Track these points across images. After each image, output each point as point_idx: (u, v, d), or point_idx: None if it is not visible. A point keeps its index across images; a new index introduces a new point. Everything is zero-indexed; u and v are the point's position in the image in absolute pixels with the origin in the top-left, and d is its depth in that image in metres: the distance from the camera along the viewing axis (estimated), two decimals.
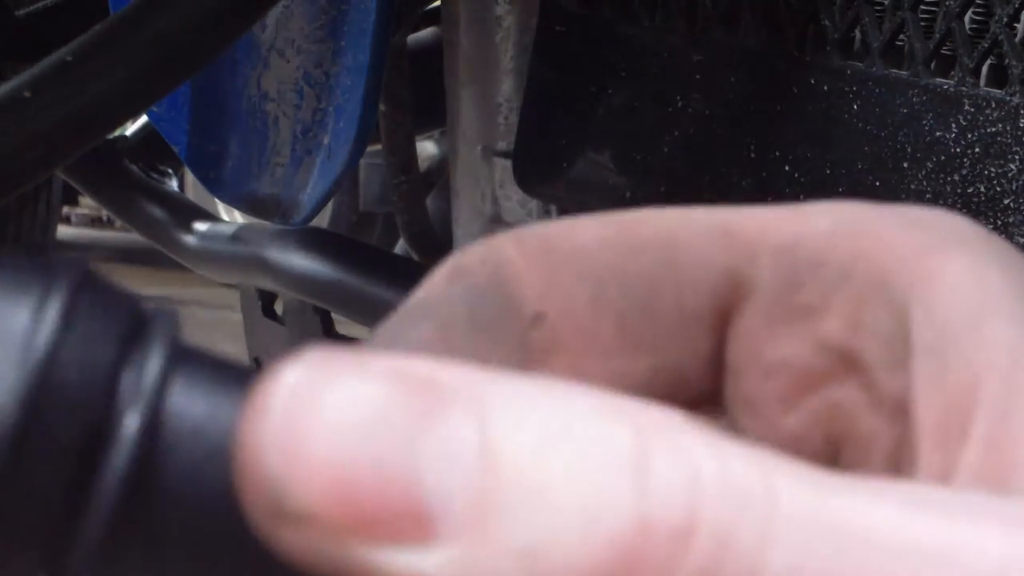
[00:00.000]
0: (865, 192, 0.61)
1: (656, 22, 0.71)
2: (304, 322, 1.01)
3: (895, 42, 0.60)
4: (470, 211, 0.88)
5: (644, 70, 0.71)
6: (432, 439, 0.16)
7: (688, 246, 0.23)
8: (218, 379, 0.17)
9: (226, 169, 0.91)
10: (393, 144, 0.95)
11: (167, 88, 0.63)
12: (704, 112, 0.68)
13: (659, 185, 0.70)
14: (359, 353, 0.17)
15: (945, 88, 0.58)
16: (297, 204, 0.83)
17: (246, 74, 0.88)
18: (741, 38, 0.66)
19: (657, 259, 0.23)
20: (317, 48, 0.82)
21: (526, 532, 0.16)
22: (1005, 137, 0.56)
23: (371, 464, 0.16)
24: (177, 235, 1.14)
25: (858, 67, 0.61)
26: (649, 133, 0.71)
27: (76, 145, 0.61)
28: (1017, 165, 0.55)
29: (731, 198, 0.66)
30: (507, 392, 0.16)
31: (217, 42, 0.63)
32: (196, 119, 0.92)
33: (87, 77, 0.59)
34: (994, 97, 0.56)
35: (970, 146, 0.57)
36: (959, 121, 0.57)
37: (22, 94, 0.58)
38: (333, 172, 0.80)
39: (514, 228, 0.25)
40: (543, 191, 0.80)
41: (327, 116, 0.82)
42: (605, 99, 0.74)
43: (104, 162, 1.18)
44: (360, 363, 0.16)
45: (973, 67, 0.57)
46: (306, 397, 0.16)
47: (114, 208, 1.24)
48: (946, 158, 0.58)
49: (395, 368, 0.16)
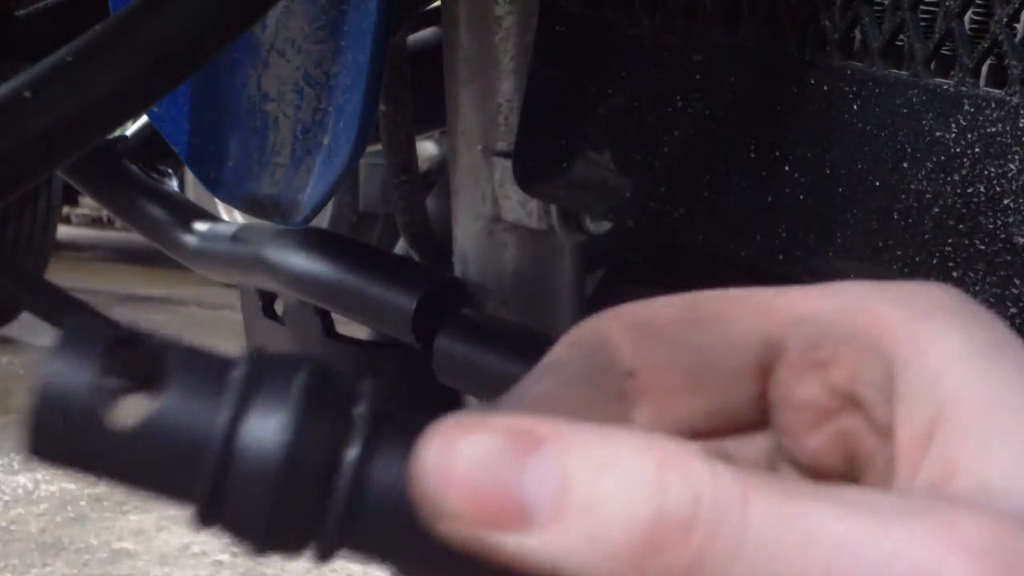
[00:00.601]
0: (865, 192, 0.61)
1: (656, 22, 0.71)
2: (304, 322, 1.01)
3: (895, 42, 0.60)
4: (470, 211, 0.88)
5: (644, 70, 0.71)
6: (531, 467, 0.26)
7: (737, 319, 0.32)
8: (403, 432, 0.27)
9: (226, 169, 0.91)
10: (393, 144, 0.95)
11: (167, 88, 0.63)
12: (704, 112, 0.68)
13: (659, 185, 0.70)
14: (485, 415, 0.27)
15: (945, 88, 0.58)
16: (297, 204, 0.83)
17: (246, 74, 0.88)
18: (741, 38, 0.66)
19: (715, 330, 0.32)
20: (317, 48, 0.82)
21: (589, 523, 0.26)
22: (1005, 137, 0.56)
23: (492, 483, 0.26)
24: (177, 235, 1.14)
25: (858, 67, 0.61)
26: (649, 133, 0.71)
27: (76, 145, 0.61)
28: (1017, 165, 0.55)
29: (731, 198, 0.66)
30: (579, 437, 0.26)
31: (217, 42, 0.63)
32: (196, 119, 0.92)
33: (87, 77, 0.59)
34: (994, 97, 0.56)
35: (970, 146, 0.57)
36: (959, 121, 0.57)
37: (22, 94, 0.58)
38: (333, 172, 0.80)
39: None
40: (543, 191, 0.80)
41: (327, 116, 0.82)
42: (605, 99, 0.74)
43: (104, 162, 1.18)
44: (484, 422, 0.27)
45: (973, 67, 0.57)
46: (451, 445, 0.26)
47: (114, 208, 1.24)
48: (946, 158, 0.58)
49: (507, 424, 0.27)
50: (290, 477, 0.27)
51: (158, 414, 0.27)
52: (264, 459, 0.26)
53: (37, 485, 3.27)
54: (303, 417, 0.27)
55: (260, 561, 2.81)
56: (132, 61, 0.60)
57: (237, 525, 0.27)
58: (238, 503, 0.27)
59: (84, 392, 0.27)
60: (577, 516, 0.26)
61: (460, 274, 0.90)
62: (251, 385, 0.27)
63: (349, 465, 0.27)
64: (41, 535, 2.91)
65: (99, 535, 2.93)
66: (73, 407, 0.27)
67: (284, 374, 0.27)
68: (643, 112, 0.71)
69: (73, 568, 2.73)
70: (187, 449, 0.26)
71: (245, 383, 0.27)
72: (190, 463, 0.27)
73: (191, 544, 2.90)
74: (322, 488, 0.27)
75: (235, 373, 0.27)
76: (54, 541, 2.88)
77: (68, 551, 2.83)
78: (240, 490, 0.27)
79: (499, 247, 0.87)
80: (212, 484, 0.27)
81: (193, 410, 0.27)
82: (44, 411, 0.27)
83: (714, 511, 0.25)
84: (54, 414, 0.27)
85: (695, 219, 0.68)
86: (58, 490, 3.23)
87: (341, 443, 0.27)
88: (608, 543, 0.25)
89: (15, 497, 3.17)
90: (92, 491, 3.24)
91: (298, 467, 0.27)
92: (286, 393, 0.27)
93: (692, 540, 0.25)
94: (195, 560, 2.81)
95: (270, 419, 0.27)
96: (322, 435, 0.27)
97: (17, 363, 4.55)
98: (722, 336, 0.32)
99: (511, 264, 0.87)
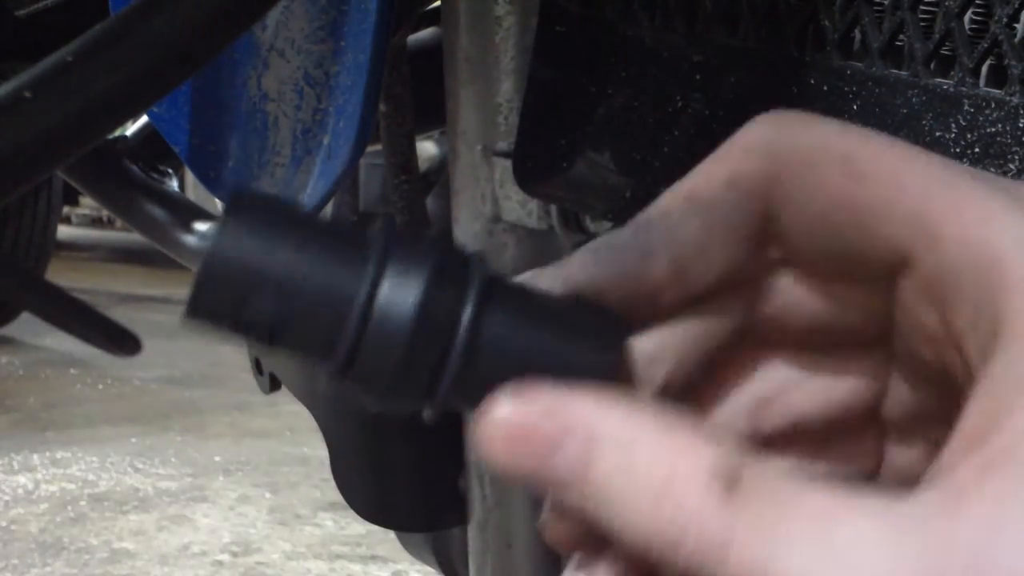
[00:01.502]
0: None
1: (656, 22, 0.71)
2: None
3: (895, 42, 0.60)
4: (470, 211, 0.88)
5: (644, 70, 0.71)
6: (560, 454, 0.30)
7: (890, 215, 0.31)
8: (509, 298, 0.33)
9: (226, 169, 0.91)
10: (393, 144, 0.95)
11: (167, 88, 0.63)
12: (704, 112, 0.68)
13: (659, 185, 0.70)
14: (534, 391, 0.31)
15: (945, 88, 0.58)
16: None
17: (246, 74, 0.88)
18: (741, 38, 0.66)
19: (867, 216, 0.31)
20: (317, 48, 0.82)
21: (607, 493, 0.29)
22: (1005, 137, 0.56)
23: (528, 458, 0.30)
24: (177, 235, 1.14)
25: (858, 67, 0.61)
26: (649, 133, 0.71)
27: (76, 145, 0.61)
28: (1017, 165, 0.55)
29: None
30: (603, 431, 0.30)
31: (217, 42, 0.63)
32: (196, 119, 0.92)
33: (87, 77, 0.59)
34: (994, 97, 0.56)
35: (970, 146, 0.57)
36: (959, 121, 0.57)
37: (22, 94, 0.58)
38: (333, 172, 0.80)
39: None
40: (543, 191, 0.80)
41: (327, 116, 0.82)
42: (605, 99, 0.74)
43: (104, 162, 1.18)
44: (530, 402, 0.31)
45: (973, 67, 0.57)
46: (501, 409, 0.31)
47: (114, 208, 1.24)
48: (946, 158, 0.58)
49: (548, 406, 0.30)
50: (417, 335, 0.31)
51: (306, 276, 0.31)
52: (398, 319, 0.31)
53: (37, 485, 3.27)
54: (430, 286, 0.31)
55: (260, 561, 2.82)
56: (132, 61, 0.60)
57: (367, 378, 0.32)
58: (371, 358, 0.31)
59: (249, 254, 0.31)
60: (599, 488, 0.29)
61: None
62: (386, 256, 0.31)
63: (464, 327, 0.31)
64: (41, 535, 2.91)
65: (99, 535, 2.94)
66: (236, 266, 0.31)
67: (414, 248, 0.32)
68: (643, 112, 0.71)
69: (73, 568, 2.73)
70: (332, 311, 0.31)
71: (381, 254, 0.31)
72: (334, 322, 0.31)
73: (191, 544, 2.90)
74: (443, 347, 0.31)
75: (374, 246, 0.32)
76: (54, 541, 2.88)
77: (68, 551, 2.83)
78: (374, 346, 0.31)
79: (499, 247, 0.87)
80: (352, 341, 0.31)
81: (339, 275, 0.31)
82: (211, 267, 0.32)
83: (697, 546, 0.28)
84: (219, 272, 0.32)
85: None
86: (58, 490, 3.23)
87: (459, 307, 0.32)
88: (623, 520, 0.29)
89: (15, 497, 3.17)
90: (92, 491, 3.24)
91: (424, 327, 0.31)
92: (417, 265, 0.32)
93: (678, 561, 0.28)
94: (195, 560, 2.81)
95: (403, 287, 0.31)
96: (445, 302, 0.31)
97: (17, 363, 4.55)
98: (867, 228, 0.31)
99: (511, 264, 0.87)
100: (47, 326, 1.08)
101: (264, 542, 2.94)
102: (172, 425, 3.87)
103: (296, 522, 3.09)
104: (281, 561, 2.83)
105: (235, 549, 2.89)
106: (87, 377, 4.37)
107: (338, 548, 2.93)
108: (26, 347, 4.73)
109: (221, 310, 0.32)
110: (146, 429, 3.82)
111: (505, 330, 0.32)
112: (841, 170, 0.32)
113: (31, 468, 3.41)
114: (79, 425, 3.83)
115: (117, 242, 7.45)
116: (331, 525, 3.07)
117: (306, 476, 3.42)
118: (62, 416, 3.91)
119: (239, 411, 4.03)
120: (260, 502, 3.22)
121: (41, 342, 4.75)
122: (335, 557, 2.88)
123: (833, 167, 0.32)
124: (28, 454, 3.51)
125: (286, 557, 2.86)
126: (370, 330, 0.31)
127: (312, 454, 3.55)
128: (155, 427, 3.84)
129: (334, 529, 3.05)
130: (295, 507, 3.19)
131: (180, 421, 3.93)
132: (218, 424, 3.91)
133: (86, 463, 3.47)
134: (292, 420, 3.73)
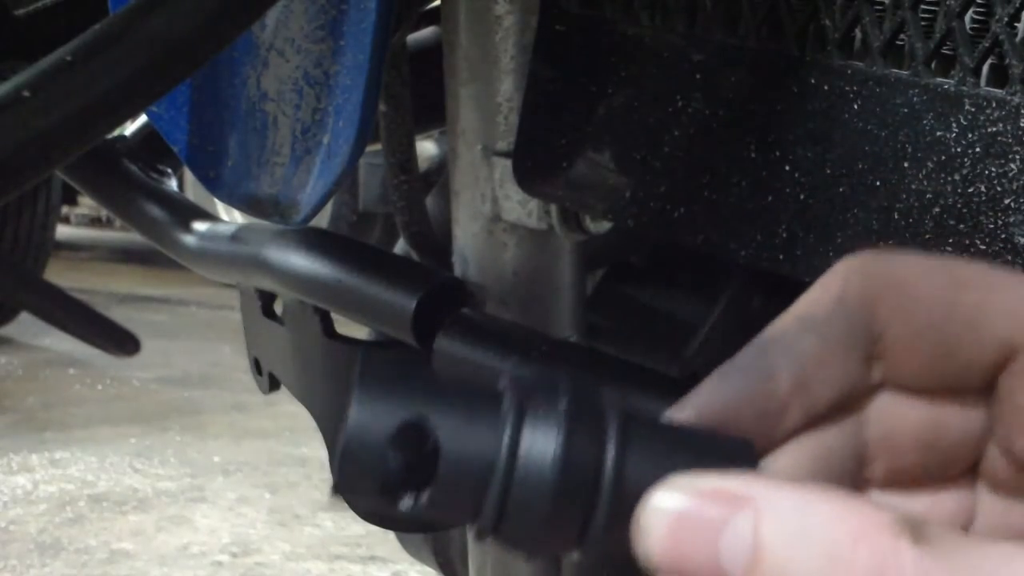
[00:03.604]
0: (865, 192, 0.61)
1: (656, 22, 0.70)
2: (303, 322, 1.01)
3: (895, 42, 0.60)
4: (470, 211, 0.88)
5: (644, 70, 0.71)
6: (727, 532, 0.29)
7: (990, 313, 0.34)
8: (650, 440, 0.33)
9: (226, 169, 0.90)
10: (393, 144, 0.95)
11: (166, 88, 0.63)
12: (704, 112, 0.68)
13: (659, 185, 0.70)
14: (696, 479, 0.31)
15: (945, 88, 0.58)
16: (296, 204, 0.83)
17: (245, 74, 0.88)
18: (741, 38, 0.66)
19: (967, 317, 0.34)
20: (317, 48, 0.82)
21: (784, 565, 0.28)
22: (1006, 137, 0.56)
23: (692, 540, 0.30)
24: (177, 235, 1.14)
25: (858, 67, 0.61)
26: (649, 133, 0.71)
27: (76, 145, 0.61)
28: (1018, 165, 0.55)
29: (731, 198, 0.66)
30: (773, 503, 0.29)
31: (217, 42, 0.63)
32: (196, 119, 0.92)
33: (87, 77, 0.59)
34: (995, 97, 0.56)
35: (971, 146, 0.57)
36: (959, 121, 0.57)
37: (22, 94, 0.58)
38: (333, 172, 0.80)
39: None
40: (543, 191, 0.80)
41: (327, 116, 0.81)
42: (605, 99, 0.74)
43: (104, 162, 1.18)
44: (694, 486, 0.30)
45: (973, 67, 0.57)
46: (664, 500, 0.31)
47: (114, 208, 1.24)
48: (946, 158, 0.58)
49: (713, 487, 0.30)
50: (562, 489, 0.31)
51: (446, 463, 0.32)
52: (541, 475, 0.31)
53: (36, 486, 3.27)
54: (570, 435, 0.32)
55: (259, 562, 2.81)
56: (132, 61, 0.60)
57: (516, 535, 0.32)
58: (519, 516, 0.32)
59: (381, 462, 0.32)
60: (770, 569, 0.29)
61: (460, 274, 0.90)
62: (520, 415, 0.32)
63: (609, 476, 0.32)
64: (40, 535, 2.91)
65: (98, 536, 2.93)
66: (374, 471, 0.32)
67: (547, 395, 0.32)
68: (643, 112, 0.71)
69: (72, 569, 2.73)
70: (475, 473, 0.32)
71: (515, 414, 0.32)
72: (477, 485, 0.32)
73: (190, 545, 2.90)
74: (589, 497, 0.32)
75: (504, 405, 0.32)
76: (53, 542, 2.87)
77: (67, 551, 2.82)
78: (521, 504, 0.32)
79: (499, 247, 0.87)
80: (498, 501, 0.32)
81: (476, 435, 0.32)
82: (350, 466, 0.32)
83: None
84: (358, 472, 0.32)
85: (695, 219, 0.68)
86: (57, 491, 3.23)
87: (600, 453, 0.32)
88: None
89: (14, 497, 3.17)
90: (91, 492, 3.24)
91: (569, 479, 0.32)
92: (552, 413, 0.32)
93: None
94: (194, 560, 2.81)
95: (542, 439, 0.32)
96: (585, 450, 0.32)
97: (16, 363, 4.55)
98: (973, 326, 0.34)
99: (511, 264, 0.87)
100: (46, 326, 1.08)
101: (263, 543, 2.94)
102: (171, 425, 3.87)
103: (295, 523, 3.09)
104: (280, 562, 2.83)
105: (234, 550, 2.89)
106: (86, 377, 4.37)
107: (337, 549, 2.93)
108: (25, 347, 4.73)
109: (365, 486, 0.32)
110: (145, 429, 3.81)
111: (646, 469, 0.32)
112: (943, 280, 0.35)
113: (30, 468, 3.40)
114: (78, 425, 3.82)
115: (116, 242, 7.44)
116: (330, 526, 3.07)
117: (305, 477, 3.42)
118: (61, 416, 3.91)
119: (238, 411, 4.03)
120: (259, 503, 3.22)
121: (40, 342, 4.75)
122: (334, 558, 2.87)
123: (935, 278, 0.35)
124: (27, 454, 3.51)
125: (285, 558, 2.86)
126: (515, 489, 0.31)
127: (311, 455, 3.55)
128: (154, 427, 3.84)
129: (333, 530, 3.05)
130: (294, 508, 3.19)
131: (179, 421, 3.92)
132: (217, 424, 3.91)
133: (85, 463, 3.46)
134: (291, 421, 3.73)
